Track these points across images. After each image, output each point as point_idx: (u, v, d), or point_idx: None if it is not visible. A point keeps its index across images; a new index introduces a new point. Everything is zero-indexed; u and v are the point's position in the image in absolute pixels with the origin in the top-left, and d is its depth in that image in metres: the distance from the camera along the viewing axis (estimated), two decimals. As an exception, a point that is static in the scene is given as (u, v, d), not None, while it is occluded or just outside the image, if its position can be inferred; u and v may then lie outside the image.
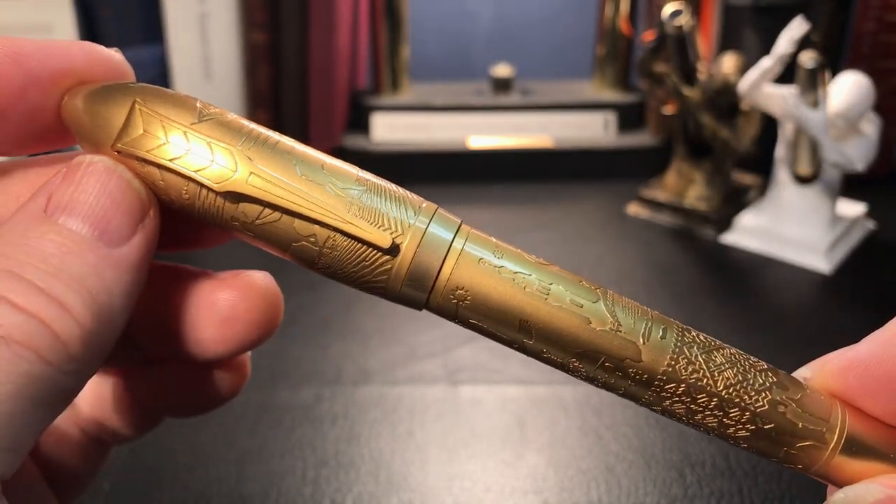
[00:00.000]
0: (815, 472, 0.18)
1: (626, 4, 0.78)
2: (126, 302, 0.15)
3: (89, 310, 0.14)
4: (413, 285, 0.17)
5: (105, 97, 0.16)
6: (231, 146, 0.16)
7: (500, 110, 0.77)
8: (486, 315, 0.17)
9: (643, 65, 0.65)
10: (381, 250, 0.16)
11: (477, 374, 0.46)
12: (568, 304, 0.17)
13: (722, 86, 0.61)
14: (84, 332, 0.14)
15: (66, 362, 0.14)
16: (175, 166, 0.16)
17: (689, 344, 0.17)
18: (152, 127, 0.16)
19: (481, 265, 0.17)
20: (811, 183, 0.59)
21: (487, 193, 0.73)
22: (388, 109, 0.77)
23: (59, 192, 0.15)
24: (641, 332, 0.17)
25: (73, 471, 0.22)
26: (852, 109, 0.55)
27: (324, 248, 0.16)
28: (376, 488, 0.37)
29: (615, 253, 0.62)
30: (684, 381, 0.17)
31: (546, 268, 0.17)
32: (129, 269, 0.15)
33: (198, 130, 0.16)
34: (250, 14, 0.72)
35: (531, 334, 0.17)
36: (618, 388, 0.17)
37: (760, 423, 0.17)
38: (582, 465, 0.39)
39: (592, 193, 0.73)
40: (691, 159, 0.67)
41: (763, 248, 0.61)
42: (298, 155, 0.16)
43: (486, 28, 0.95)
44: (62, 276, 0.14)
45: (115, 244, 0.15)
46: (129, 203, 0.15)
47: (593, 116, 0.77)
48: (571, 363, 0.17)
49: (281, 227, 0.16)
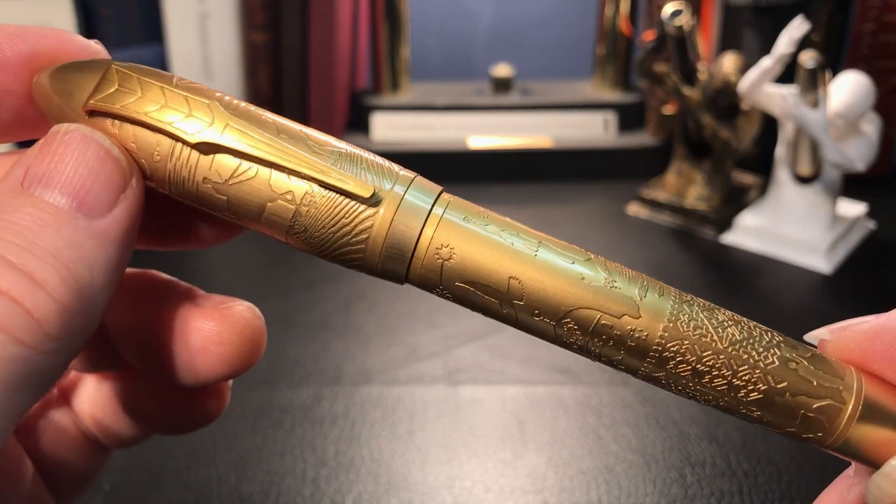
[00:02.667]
0: (833, 443, 0.16)
1: (626, 4, 0.78)
2: (108, 277, 0.14)
3: (66, 285, 0.13)
4: (393, 252, 0.16)
5: (79, 66, 0.16)
6: (208, 100, 0.15)
7: (500, 110, 0.77)
8: (472, 275, 0.16)
9: (643, 65, 0.65)
10: (362, 201, 0.15)
11: (477, 374, 0.46)
12: (559, 261, 0.16)
13: (722, 86, 0.61)
14: (61, 308, 0.13)
15: (42, 342, 0.13)
16: (148, 119, 0.15)
17: (688, 302, 0.16)
18: (128, 83, 0.15)
19: (465, 224, 0.16)
20: (811, 183, 0.59)
21: (487, 193, 0.73)
22: (388, 109, 0.77)
23: (35, 163, 0.14)
24: (637, 291, 0.16)
25: (72, 472, 0.21)
26: (852, 109, 0.55)
27: (301, 206, 0.15)
28: (376, 488, 0.37)
29: (615, 253, 0.62)
30: (687, 339, 0.16)
31: (533, 232, 0.16)
32: (111, 242, 0.14)
33: (175, 88, 0.15)
34: (250, 14, 0.72)
35: (521, 295, 0.16)
36: (615, 355, 0.16)
37: (773, 382, 0.16)
38: (582, 465, 0.39)
39: (592, 193, 0.73)
40: (691, 159, 0.67)
41: (763, 248, 0.61)
42: (275, 119, 0.16)
43: (486, 28, 0.95)
44: (36, 251, 0.13)
45: (94, 216, 0.14)
46: (108, 172, 0.15)
47: (593, 116, 0.77)
48: (565, 325, 0.16)
49: (255, 184, 0.15)
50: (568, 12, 0.93)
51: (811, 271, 0.58)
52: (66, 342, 0.13)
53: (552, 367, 0.46)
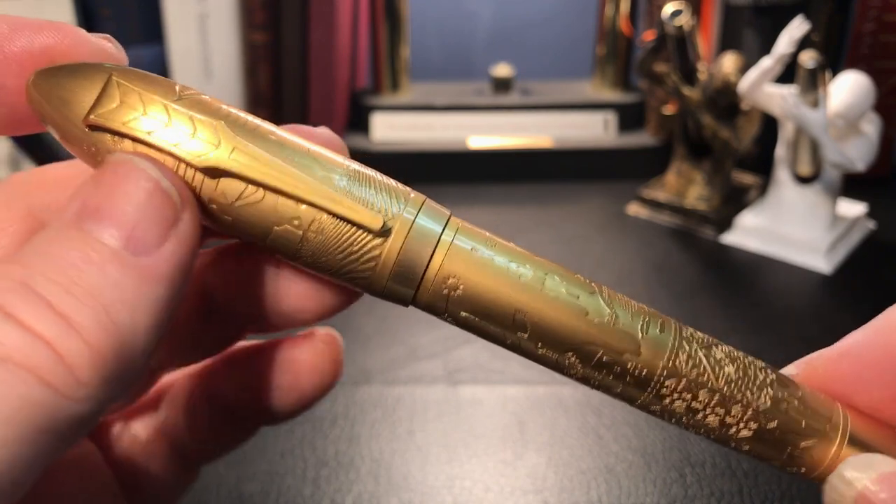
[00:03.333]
0: (817, 476, 0.17)
1: (626, 4, 0.78)
2: (153, 320, 0.14)
3: (102, 328, 0.13)
4: (400, 277, 0.16)
5: (78, 71, 0.15)
6: (214, 121, 0.15)
7: (500, 110, 0.77)
8: (478, 307, 0.16)
9: (643, 65, 0.65)
10: (372, 232, 0.15)
11: (477, 374, 0.46)
12: (564, 295, 0.16)
13: (722, 86, 0.61)
14: (94, 353, 0.12)
15: (72, 387, 0.12)
16: (153, 140, 0.14)
17: (687, 339, 0.16)
18: (130, 99, 0.15)
19: (473, 254, 0.16)
20: (811, 183, 0.59)
21: (487, 193, 0.73)
22: (388, 109, 0.77)
23: (90, 195, 0.14)
24: (639, 327, 0.16)
25: (155, 485, 0.21)
26: (852, 109, 0.55)
27: (308, 232, 0.15)
28: (376, 488, 0.37)
29: (615, 253, 0.62)
30: (685, 377, 0.16)
31: (539, 260, 0.16)
32: (158, 281, 0.14)
33: (179, 105, 0.15)
34: (250, 14, 0.72)
35: (525, 327, 0.16)
36: (614, 387, 0.16)
37: (764, 422, 0.16)
38: (582, 465, 0.39)
39: (592, 193, 0.73)
40: (691, 159, 0.67)
41: (763, 248, 0.61)
42: (282, 139, 0.15)
43: (486, 28, 0.95)
44: (76, 291, 0.13)
45: (141, 253, 0.13)
46: (156, 206, 0.14)
47: (593, 116, 0.77)
48: (567, 359, 0.16)
49: (263, 208, 0.15)
50: (568, 12, 0.93)
51: (811, 271, 0.58)
52: (100, 389, 0.13)
53: (552, 367, 0.46)
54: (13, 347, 0.12)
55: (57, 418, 0.12)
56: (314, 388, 0.20)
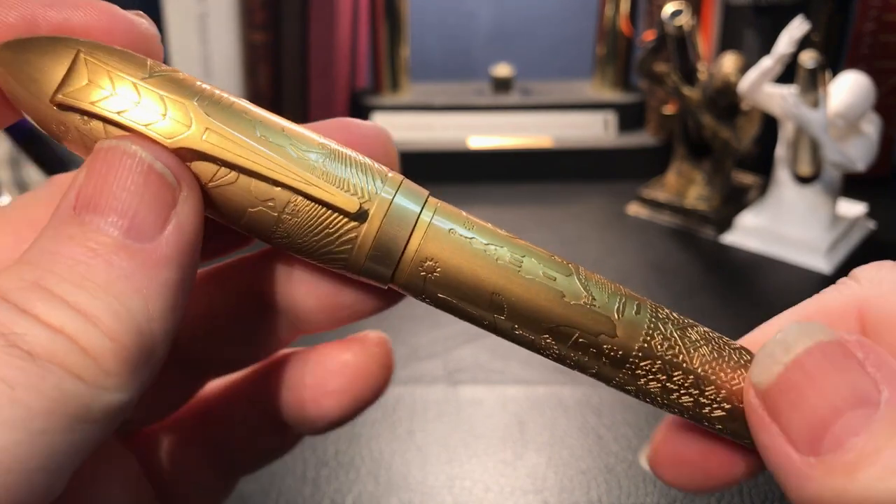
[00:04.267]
0: None
1: (626, 4, 0.78)
2: (167, 303, 0.14)
3: (118, 320, 0.13)
4: (378, 258, 0.16)
5: (45, 47, 0.14)
6: (185, 101, 0.14)
7: (500, 110, 0.77)
8: (455, 289, 0.16)
9: (643, 65, 0.64)
10: (348, 215, 0.15)
11: (477, 374, 0.46)
12: (541, 277, 0.16)
13: (722, 86, 0.61)
14: (116, 344, 0.13)
15: (101, 378, 0.12)
16: (122, 119, 0.14)
17: (663, 320, 0.16)
18: (98, 77, 0.14)
19: (451, 235, 0.16)
20: (811, 183, 0.59)
21: (487, 193, 0.73)
22: (388, 109, 0.77)
23: (84, 185, 0.14)
24: (616, 308, 0.16)
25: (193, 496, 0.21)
26: (852, 109, 0.55)
27: (283, 214, 0.15)
28: (376, 488, 0.37)
29: (615, 253, 0.62)
30: (660, 358, 0.16)
31: (517, 241, 0.16)
32: (165, 264, 0.14)
33: (149, 84, 0.14)
34: (250, 14, 0.72)
35: (502, 309, 0.16)
36: (590, 367, 0.17)
37: (737, 402, 0.16)
38: (582, 465, 0.39)
39: (592, 193, 0.73)
40: (691, 159, 0.67)
41: (763, 248, 0.61)
42: (256, 116, 0.15)
43: (486, 28, 0.95)
44: (87, 285, 0.13)
45: (144, 239, 0.13)
46: (153, 190, 0.14)
47: (593, 116, 0.77)
48: (544, 340, 0.16)
49: (236, 190, 0.15)
50: (568, 12, 0.93)
51: (811, 271, 0.58)
52: (128, 378, 0.13)
53: (552, 366, 0.46)
54: (38, 344, 0.12)
55: (91, 408, 0.12)
56: (365, 393, 0.19)
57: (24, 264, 0.13)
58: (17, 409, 0.11)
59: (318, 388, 0.19)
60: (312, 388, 0.19)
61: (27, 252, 0.13)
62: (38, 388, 0.12)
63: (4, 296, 0.12)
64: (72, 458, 0.12)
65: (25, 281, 0.13)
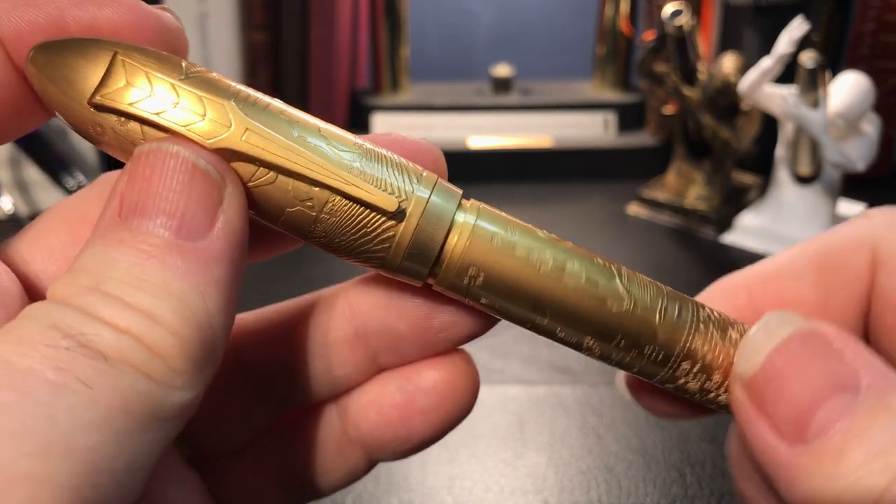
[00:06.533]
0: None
1: (626, 4, 0.78)
2: (223, 298, 0.14)
3: (181, 317, 0.13)
4: (415, 257, 0.16)
5: (80, 48, 0.14)
6: (223, 101, 0.14)
7: (500, 110, 0.77)
8: (498, 295, 0.16)
9: (643, 65, 0.65)
10: (386, 214, 0.15)
11: (477, 374, 0.46)
12: (583, 285, 0.16)
13: (722, 86, 0.61)
14: (181, 341, 0.13)
15: (170, 376, 0.13)
16: (162, 120, 0.14)
17: (704, 321, 0.17)
18: (136, 79, 0.14)
19: (494, 242, 0.16)
20: (811, 183, 0.59)
21: (487, 193, 0.73)
22: (388, 109, 0.77)
23: (127, 191, 0.14)
24: (658, 311, 0.16)
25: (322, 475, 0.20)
26: (852, 109, 0.55)
27: (322, 214, 0.15)
28: (376, 488, 0.37)
29: (615, 253, 0.62)
30: (700, 360, 0.17)
31: (558, 244, 0.16)
32: (218, 261, 0.14)
33: (186, 84, 0.14)
34: (250, 14, 0.72)
35: (545, 312, 0.16)
36: (632, 366, 0.17)
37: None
38: (582, 465, 0.39)
39: (592, 193, 0.73)
40: (691, 159, 0.67)
41: (763, 248, 0.61)
42: (293, 117, 0.15)
43: (486, 28, 0.95)
44: (145, 286, 0.13)
45: (195, 237, 0.13)
46: (200, 188, 0.14)
47: (593, 116, 0.77)
48: (587, 342, 0.17)
49: (275, 189, 0.15)
50: (568, 12, 0.93)
51: (811, 271, 0.58)
52: (194, 375, 0.13)
53: (552, 366, 0.46)
54: (108, 345, 0.12)
55: (164, 406, 0.13)
56: (455, 411, 0.19)
57: (77, 272, 0.13)
58: (99, 410, 0.12)
59: (408, 406, 0.19)
60: (402, 406, 0.19)
61: (78, 260, 0.13)
62: (114, 387, 0.12)
63: (66, 301, 0.12)
64: (148, 457, 0.12)
65: (83, 286, 0.13)
